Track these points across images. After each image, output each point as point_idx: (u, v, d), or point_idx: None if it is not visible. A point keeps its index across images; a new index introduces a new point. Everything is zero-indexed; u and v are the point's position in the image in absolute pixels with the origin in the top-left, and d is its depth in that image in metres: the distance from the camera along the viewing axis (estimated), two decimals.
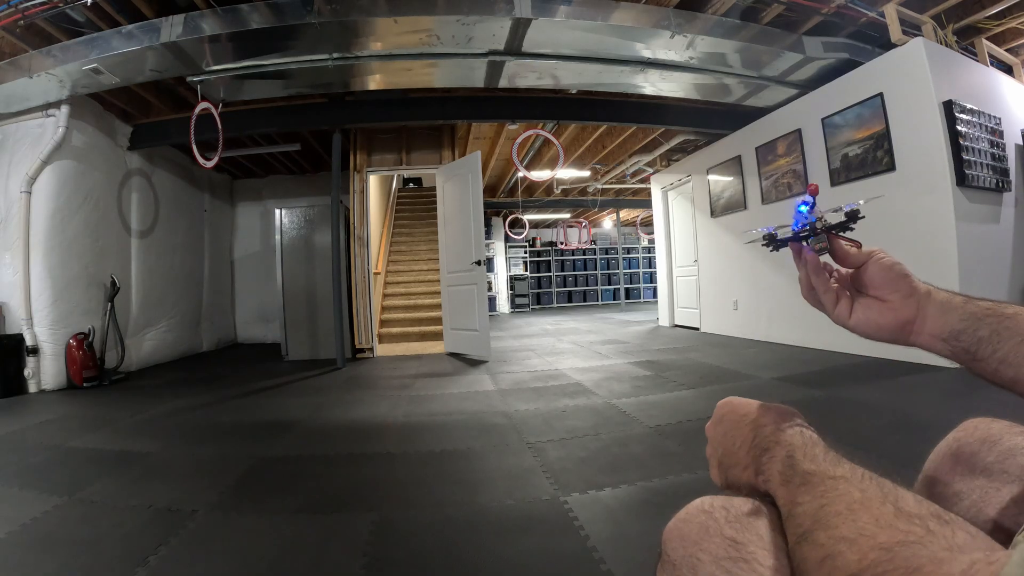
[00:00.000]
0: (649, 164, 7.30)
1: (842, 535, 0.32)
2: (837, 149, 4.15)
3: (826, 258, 0.56)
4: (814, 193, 0.56)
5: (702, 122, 5.41)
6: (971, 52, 4.03)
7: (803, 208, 0.56)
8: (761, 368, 3.68)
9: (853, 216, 0.54)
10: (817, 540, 0.34)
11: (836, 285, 0.56)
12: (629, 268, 14.83)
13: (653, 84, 4.32)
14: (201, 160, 4.09)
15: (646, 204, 9.07)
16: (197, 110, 3.91)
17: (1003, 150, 3.70)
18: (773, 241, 0.59)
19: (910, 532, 0.30)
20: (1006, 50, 4.27)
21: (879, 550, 0.29)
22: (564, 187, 9.37)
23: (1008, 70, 4.28)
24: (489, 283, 12.39)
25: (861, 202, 0.54)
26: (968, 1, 3.80)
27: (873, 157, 3.84)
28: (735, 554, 0.40)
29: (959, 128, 3.40)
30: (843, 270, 0.56)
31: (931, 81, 3.43)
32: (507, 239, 13.49)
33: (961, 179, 3.39)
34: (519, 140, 5.22)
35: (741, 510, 0.43)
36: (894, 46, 3.67)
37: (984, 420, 0.53)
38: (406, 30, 3.40)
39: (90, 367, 4.20)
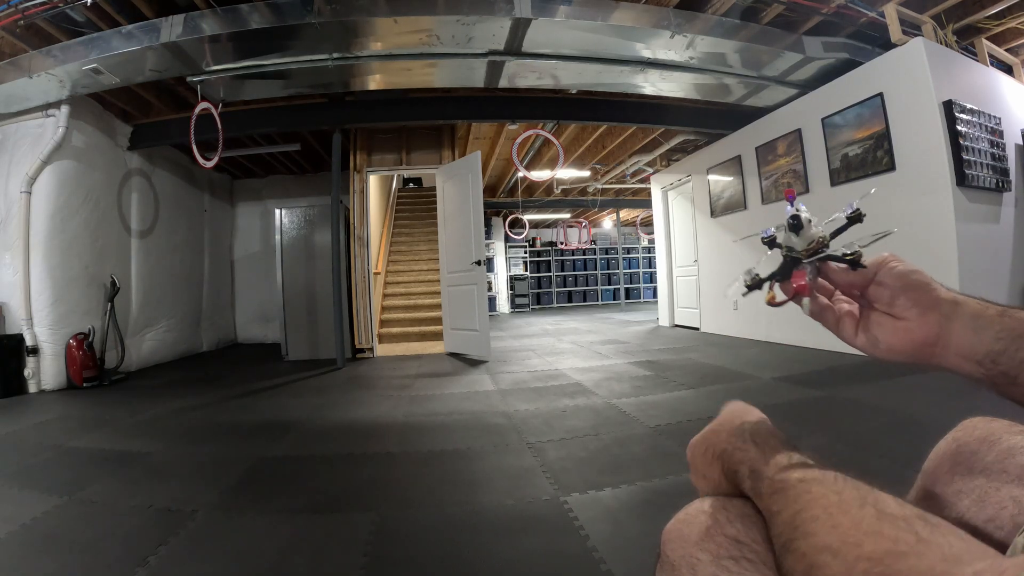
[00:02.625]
0: (649, 164, 7.30)
1: (824, 543, 0.30)
2: (837, 149, 4.15)
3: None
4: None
5: (702, 122, 5.41)
6: (971, 52, 4.03)
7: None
8: (761, 368, 3.68)
9: (856, 219, 0.47)
10: (798, 550, 0.32)
11: (841, 299, 0.50)
12: (629, 268, 14.83)
13: (653, 84, 4.32)
14: (201, 160, 4.09)
15: (646, 204, 9.07)
16: (197, 110, 3.91)
17: (1003, 150, 3.70)
18: (757, 284, 0.51)
19: (899, 539, 0.27)
20: (1006, 50, 4.27)
21: (866, 561, 0.27)
22: (564, 187, 9.37)
23: (1008, 70, 4.28)
24: (489, 283, 12.39)
25: (856, 202, 0.48)
26: (968, 1, 3.80)
27: (873, 157, 3.84)
28: (737, 553, 0.39)
29: (959, 128, 3.40)
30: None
31: (931, 81, 3.43)
32: (507, 239, 13.49)
33: (961, 179, 3.39)
34: (519, 140, 5.22)
35: (742, 511, 0.43)
36: (894, 46, 3.67)
37: (984, 419, 0.53)
38: (406, 30, 3.40)
39: (90, 367, 4.20)
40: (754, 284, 0.51)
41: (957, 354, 0.42)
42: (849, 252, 0.46)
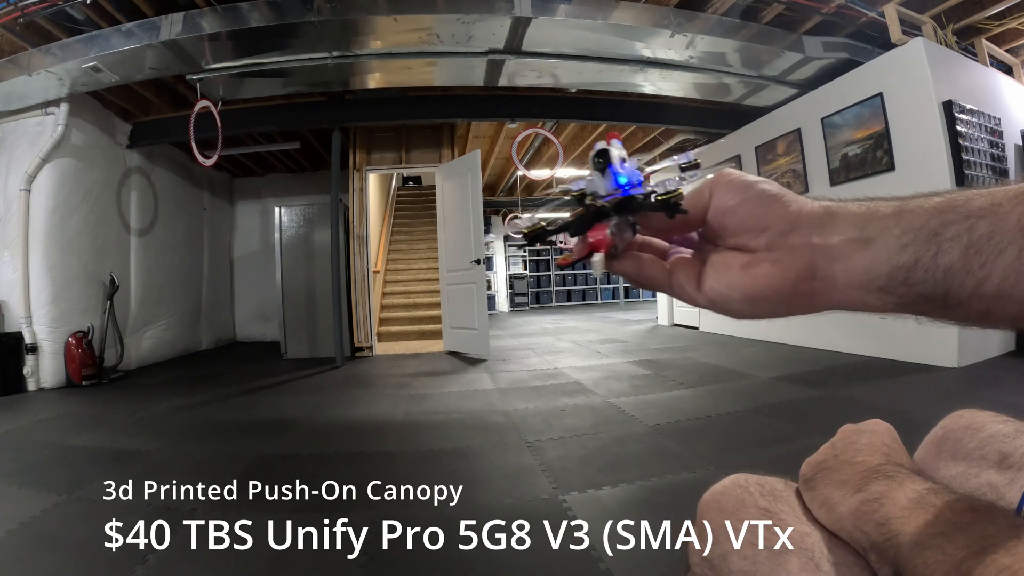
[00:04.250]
0: (649, 163, 7.30)
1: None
2: (837, 149, 4.15)
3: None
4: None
5: (702, 121, 5.41)
6: (971, 52, 4.03)
7: (622, 179, 0.36)
8: (760, 368, 3.69)
9: (693, 167, 0.37)
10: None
11: (681, 252, 0.38)
12: None
13: (653, 83, 4.32)
14: (200, 158, 4.09)
15: None
16: (197, 108, 3.91)
17: (1003, 150, 3.70)
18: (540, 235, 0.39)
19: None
20: (1006, 50, 4.27)
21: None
22: (564, 186, 9.36)
23: (1008, 70, 4.28)
24: (488, 282, 12.39)
25: (693, 154, 0.37)
26: (968, 1, 3.80)
27: (873, 157, 3.84)
28: (768, 523, 0.42)
29: (959, 128, 3.40)
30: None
31: (931, 81, 3.43)
32: (506, 238, 13.49)
33: (961, 179, 3.39)
34: (519, 139, 5.22)
35: (774, 487, 0.46)
36: (894, 46, 3.67)
37: (971, 410, 0.54)
38: (406, 29, 3.39)
39: (89, 365, 4.19)
40: (537, 234, 0.39)
41: (848, 284, 0.29)
42: (662, 192, 0.34)
